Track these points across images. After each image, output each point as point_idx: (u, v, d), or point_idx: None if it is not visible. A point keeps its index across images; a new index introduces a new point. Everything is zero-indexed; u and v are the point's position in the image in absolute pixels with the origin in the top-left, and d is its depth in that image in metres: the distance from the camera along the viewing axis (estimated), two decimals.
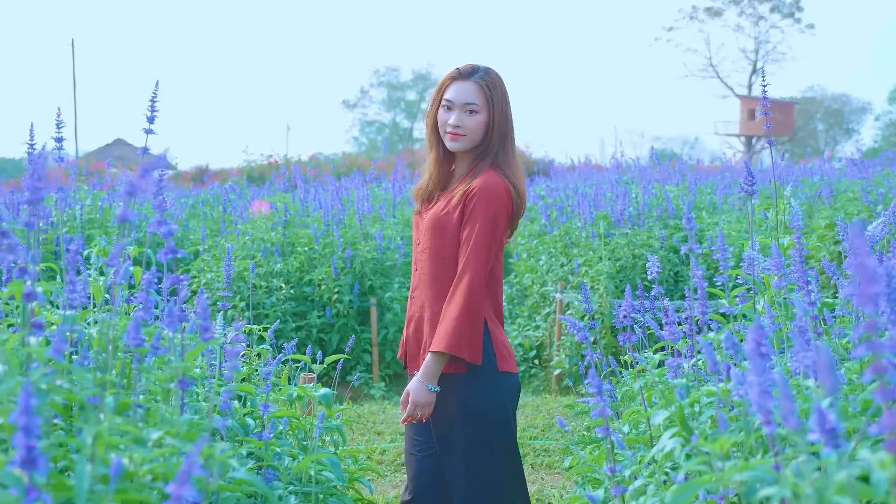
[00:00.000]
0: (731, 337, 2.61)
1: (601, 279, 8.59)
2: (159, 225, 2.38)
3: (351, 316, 9.30)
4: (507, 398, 3.52)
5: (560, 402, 7.76)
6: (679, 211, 10.00)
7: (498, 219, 3.40)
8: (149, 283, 2.62)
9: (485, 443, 3.45)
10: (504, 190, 3.43)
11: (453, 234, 3.45)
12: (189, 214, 13.57)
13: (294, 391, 3.47)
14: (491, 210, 3.39)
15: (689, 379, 2.97)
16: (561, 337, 8.85)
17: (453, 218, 3.45)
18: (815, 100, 66.80)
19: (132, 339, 2.12)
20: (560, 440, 6.74)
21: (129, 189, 1.94)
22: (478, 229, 3.37)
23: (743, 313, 3.32)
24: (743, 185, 3.46)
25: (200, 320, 2.13)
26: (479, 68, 3.53)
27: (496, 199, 3.40)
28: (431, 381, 3.35)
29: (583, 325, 2.97)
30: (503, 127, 3.51)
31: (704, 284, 2.92)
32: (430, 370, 3.34)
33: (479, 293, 3.35)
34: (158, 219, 2.38)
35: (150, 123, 3.21)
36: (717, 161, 25.72)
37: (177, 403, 2.35)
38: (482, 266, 3.36)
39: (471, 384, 3.41)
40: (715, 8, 61.89)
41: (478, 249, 3.36)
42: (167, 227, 2.37)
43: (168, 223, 2.38)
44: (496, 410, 3.47)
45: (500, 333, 3.54)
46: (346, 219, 10.29)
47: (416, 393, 3.35)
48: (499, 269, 3.54)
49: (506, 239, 3.56)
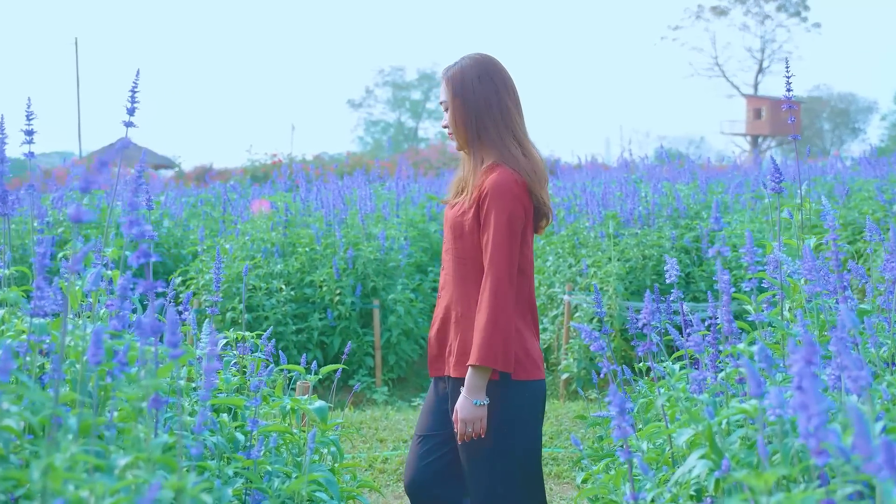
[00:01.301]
0: (765, 350, 2.37)
1: (611, 281, 8.34)
2: (131, 226, 2.13)
3: (353, 318, 9.03)
4: (525, 408, 3.37)
5: (569, 408, 7.50)
6: (690, 210, 9.75)
7: (513, 217, 3.28)
8: (124, 290, 2.38)
9: (501, 451, 3.33)
10: (514, 184, 3.29)
11: (471, 235, 3.36)
12: (189, 214, 13.35)
13: (287, 403, 3.22)
14: (504, 210, 3.27)
15: (715, 393, 2.72)
16: (569, 340, 8.60)
17: (469, 219, 3.36)
18: (821, 99, 66.54)
19: (93, 356, 1.87)
20: (569, 448, 6.49)
21: (83, 184, 1.69)
22: (493, 232, 3.27)
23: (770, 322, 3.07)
24: (770, 183, 3.22)
25: (169, 335, 1.88)
26: (452, 64, 3.47)
27: (507, 196, 3.28)
28: (476, 395, 3.25)
29: (598, 335, 2.73)
30: (478, 116, 3.39)
31: (731, 290, 2.67)
32: (473, 384, 3.25)
33: (504, 298, 3.24)
34: (131, 219, 2.14)
35: (130, 115, 2.98)
36: (724, 160, 25.39)
37: (151, 424, 2.11)
38: (504, 268, 3.25)
39: (489, 392, 3.30)
40: (721, 7, 61.65)
41: (498, 253, 3.25)
42: (139, 229, 2.13)
43: (141, 224, 2.14)
44: (511, 420, 3.33)
45: (529, 337, 3.40)
46: (349, 218, 10.03)
47: (463, 410, 3.26)
48: (528, 265, 3.41)
49: (538, 230, 3.47)
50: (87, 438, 2.08)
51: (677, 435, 2.47)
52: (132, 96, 2.94)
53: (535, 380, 3.39)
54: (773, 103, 60.76)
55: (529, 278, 3.43)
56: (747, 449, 2.44)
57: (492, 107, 3.39)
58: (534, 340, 3.43)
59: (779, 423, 2.22)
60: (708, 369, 2.88)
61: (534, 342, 3.42)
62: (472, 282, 3.36)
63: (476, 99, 3.38)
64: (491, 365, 3.21)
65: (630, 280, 8.60)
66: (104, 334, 2.39)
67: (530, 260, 3.42)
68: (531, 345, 3.39)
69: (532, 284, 3.45)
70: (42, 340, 2.35)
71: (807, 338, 1.65)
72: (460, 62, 3.45)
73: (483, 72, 3.41)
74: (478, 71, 3.41)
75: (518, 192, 3.29)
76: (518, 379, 3.33)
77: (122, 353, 2.01)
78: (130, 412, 2.18)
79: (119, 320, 2.35)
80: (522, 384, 3.34)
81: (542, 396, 3.44)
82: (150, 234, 2.15)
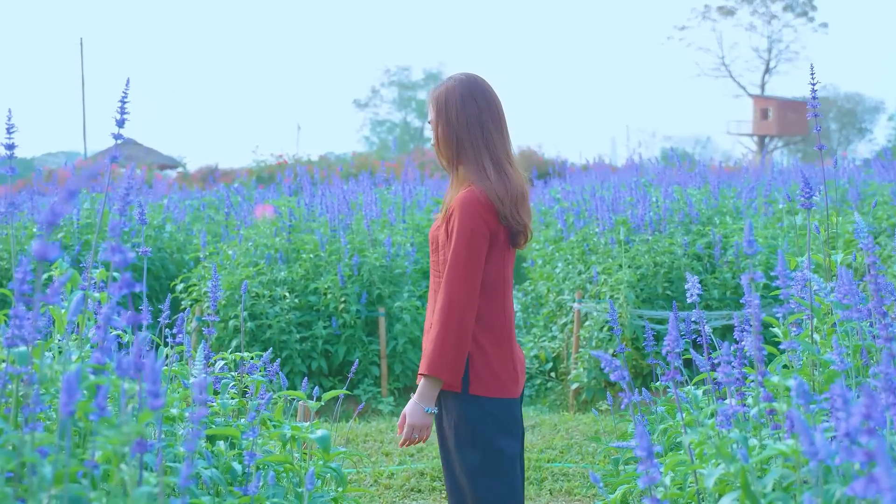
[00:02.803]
0: (803, 386, 2.18)
1: (621, 288, 8.15)
2: (113, 253, 1.95)
3: (358, 326, 8.83)
4: (480, 424, 3.35)
5: (579, 420, 7.31)
6: (702, 215, 9.55)
7: (475, 233, 3.31)
8: (108, 319, 2.20)
9: (459, 461, 3.37)
10: (478, 203, 3.33)
11: (443, 250, 3.42)
12: (193, 218, 13.18)
13: (288, 431, 3.04)
14: (464, 227, 3.32)
15: (744, 427, 2.53)
16: (579, 349, 8.41)
17: (441, 234, 3.44)
18: (827, 99, 66.25)
19: (65, 406, 1.69)
20: (580, 462, 6.30)
21: (49, 217, 1.50)
22: (452, 249, 3.33)
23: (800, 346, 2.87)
24: (800, 198, 3.02)
25: (149, 384, 1.69)
26: (438, 84, 3.55)
27: (470, 213, 3.32)
28: (427, 402, 3.31)
29: (618, 364, 2.54)
30: (459, 136, 3.44)
31: (761, 316, 2.48)
32: (423, 393, 3.31)
33: (459, 312, 3.28)
34: (112, 245, 1.95)
35: (120, 127, 2.79)
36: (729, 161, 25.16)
37: (135, 468, 1.92)
38: (460, 284, 3.29)
39: (441, 403, 3.38)
40: (728, 7, 61.40)
41: (454, 269, 3.31)
42: (122, 256, 1.95)
43: (124, 251, 1.96)
44: (466, 433, 3.35)
45: (494, 354, 3.39)
46: (354, 224, 9.83)
47: (412, 416, 3.32)
48: (497, 282, 3.42)
49: (518, 246, 3.47)
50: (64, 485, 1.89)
51: (706, 475, 2.28)
52: (122, 107, 2.75)
53: (496, 398, 3.37)
54: (780, 103, 60.51)
55: (500, 295, 3.44)
56: (783, 492, 2.25)
57: (472, 127, 3.44)
58: (503, 358, 3.41)
59: (819, 467, 2.04)
60: (734, 396, 2.69)
61: (503, 360, 3.41)
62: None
63: (458, 120, 3.44)
64: (439, 376, 3.26)
65: (641, 287, 8.41)
66: (87, 368, 2.22)
67: (502, 277, 3.44)
68: (497, 361, 3.39)
69: (503, 300, 3.45)
70: (21, 372, 2.18)
71: (866, 390, 1.46)
72: (445, 83, 3.52)
73: (466, 93, 3.47)
74: (461, 92, 3.46)
75: (481, 211, 3.32)
76: (476, 394, 3.34)
77: (101, 395, 1.83)
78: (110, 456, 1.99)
79: (102, 352, 2.17)
80: (479, 400, 3.35)
81: (506, 416, 3.40)
82: (132, 260, 1.96)
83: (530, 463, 6.24)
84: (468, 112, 3.44)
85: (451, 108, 3.45)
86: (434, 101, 3.50)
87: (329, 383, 8.71)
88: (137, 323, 1.88)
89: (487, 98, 3.49)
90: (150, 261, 10.58)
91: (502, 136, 3.50)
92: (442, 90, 3.50)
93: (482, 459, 3.35)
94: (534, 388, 9.04)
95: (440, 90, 3.50)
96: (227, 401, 3.25)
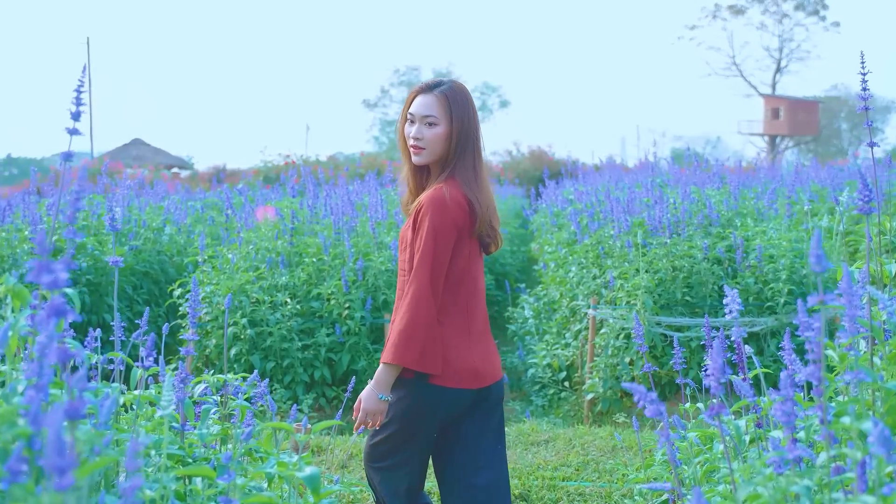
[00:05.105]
0: (885, 432, 1.80)
1: (639, 294, 7.76)
2: (40, 273, 1.58)
3: (363, 334, 8.42)
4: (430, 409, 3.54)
5: (595, 434, 6.90)
6: (722, 218, 9.14)
7: (440, 230, 3.43)
8: (44, 350, 1.82)
9: (385, 437, 3.57)
10: (451, 200, 3.46)
11: (410, 247, 3.53)
12: (195, 219, 12.82)
13: (273, 469, 2.66)
14: (432, 222, 3.43)
15: (808, 475, 2.14)
16: (594, 358, 8.02)
17: (410, 231, 3.54)
18: (839, 98, 65.83)
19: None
20: (597, 482, 5.90)
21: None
22: (420, 243, 3.44)
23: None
24: (859, 202, 2.64)
25: (52, 456, 1.30)
26: (443, 82, 3.62)
27: (438, 210, 3.44)
28: (382, 389, 3.44)
29: (655, 397, 2.16)
30: (464, 139, 3.56)
31: (821, 344, 2.09)
32: (380, 379, 3.44)
33: (425, 304, 3.41)
34: (40, 264, 1.58)
35: (76, 121, 2.41)
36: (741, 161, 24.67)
37: None
38: (426, 278, 3.41)
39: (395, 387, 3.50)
40: (738, 6, 60.97)
41: (422, 263, 3.42)
42: (52, 277, 1.57)
43: (55, 271, 1.58)
44: (412, 416, 3.53)
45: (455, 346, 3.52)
46: (359, 226, 9.44)
47: (366, 401, 3.46)
48: (465, 277, 3.55)
49: (487, 251, 3.66)
50: None
51: None
52: (77, 97, 2.38)
53: (450, 387, 3.50)
54: (791, 103, 60.06)
55: (468, 289, 3.57)
56: None
57: (471, 133, 3.58)
58: (463, 349, 3.53)
59: None
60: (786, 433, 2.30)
61: (463, 352, 3.53)
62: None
63: (466, 124, 3.56)
64: (402, 363, 3.39)
65: (659, 293, 8.01)
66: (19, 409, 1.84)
67: (471, 273, 3.56)
68: (456, 353, 3.51)
69: (472, 295, 3.59)
70: None
71: None
72: (450, 83, 3.62)
73: (470, 98, 3.64)
74: (466, 96, 3.62)
75: (452, 207, 3.44)
76: (434, 384, 3.48)
77: (15, 455, 1.44)
78: None
79: (37, 390, 1.79)
80: (434, 388, 3.49)
81: (450, 405, 3.55)
82: (65, 283, 1.59)
83: (544, 482, 5.85)
84: (473, 116, 3.61)
85: (464, 109, 3.57)
86: (447, 99, 3.56)
87: (332, 393, 8.33)
88: (68, 359, 1.50)
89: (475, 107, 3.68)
90: (148, 264, 10.23)
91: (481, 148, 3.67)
92: (453, 91, 3.58)
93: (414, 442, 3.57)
94: (547, 398, 8.65)
95: (451, 90, 3.58)
96: (206, 430, 2.87)
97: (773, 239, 8.21)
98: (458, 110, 3.55)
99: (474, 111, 3.63)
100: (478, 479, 3.61)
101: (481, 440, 3.65)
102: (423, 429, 3.58)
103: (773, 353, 7.55)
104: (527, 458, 6.38)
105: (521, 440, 6.81)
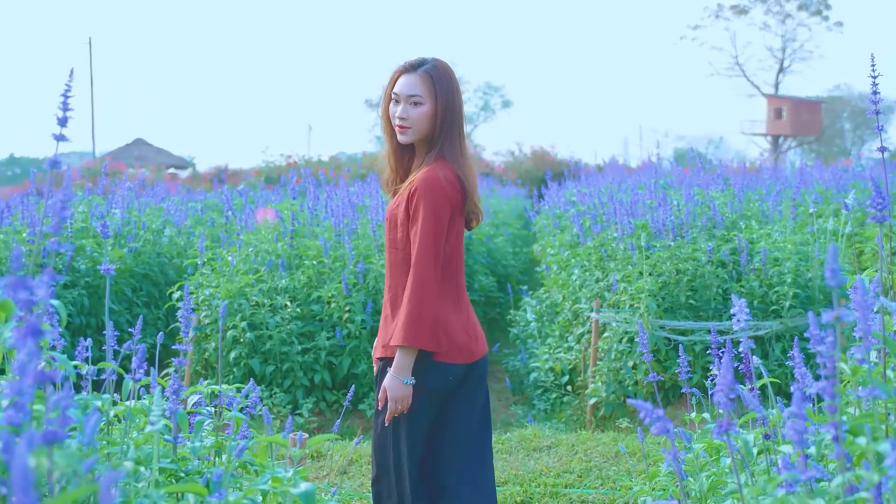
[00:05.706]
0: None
1: (642, 297, 7.67)
2: (16, 290, 1.50)
3: (364, 337, 8.32)
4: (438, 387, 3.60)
5: (598, 440, 6.81)
6: (727, 220, 9.05)
7: (439, 211, 3.49)
8: (24, 367, 1.74)
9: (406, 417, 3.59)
10: (445, 180, 3.52)
11: (402, 226, 3.58)
12: (195, 221, 12.75)
13: (266, 486, 2.58)
14: (430, 203, 3.48)
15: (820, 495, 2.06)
16: (597, 362, 7.93)
17: (401, 211, 3.58)
18: (842, 98, 65.72)
19: None
20: (600, 488, 5.82)
21: None
22: (420, 225, 3.48)
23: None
24: (872, 210, 2.56)
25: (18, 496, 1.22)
26: (426, 60, 3.65)
27: (435, 191, 3.50)
28: (405, 374, 3.49)
29: (662, 415, 2.08)
30: (450, 117, 3.60)
31: (835, 359, 2.01)
32: (401, 364, 3.48)
33: (430, 286, 3.48)
34: (15, 280, 1.50)
35: (62, 126, 2.33)
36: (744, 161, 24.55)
37: None
38: (430, 260, 3.48)
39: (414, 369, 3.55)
40: (741, 6, 60.85)
41: (423, 244, 3.47)
42: (27, 295, 1.50)
43: (31, 287, 1.50)
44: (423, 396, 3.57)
45: (451, 322, 3.61)
46: (360, 228, 9.35)
47: (392, 389, 3.49)
48: (454, 254, 3.62)
49: (469, 227, 3.73)
50: None
51: None
52: (64, 102, 2.29)
53: (454, 363, 3.59)
54: (793, 103, 59.96)
55: (456, 265, 3.65)
56: None
57: (456, 111, 3.62)
58: (457, 325, 3.61)
59: None
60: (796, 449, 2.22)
61: (458, 327, 3.61)
62: (401, 271, 3.60)
63: (451, 102, 3.60)
64: (417, 345, 3.45)
65: (663, 296, 7.91)
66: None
67: (458, 250, 3.64)
68: (453, 329, 3.59)
69: (459, 270, 3.67)
70: None
71: None
72: (433, 62, 3.64)
73: (453, 76, 3.67)
74: (450, 74, 3.65)
75: (447, 190, 3.51)
76: (438, 361, 3.55)
77: None
78: None
79: (17, 409, 1.71)
80: (440, 365, 3.57)
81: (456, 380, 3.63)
82: (43, 299, 1.51)
83: (546, 489, 5.77)
84: (458, 95, 3.65)
85: (448, 88, 3.61)
86: (432, 78, 3.59)
87: (332, 397, 8.24)
88: (42, 381, 1.42)
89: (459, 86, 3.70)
90: (148, 266, 10.16)
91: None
92: (437, 69, 3.62)
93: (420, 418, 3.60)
94: (549, 402, 8.56)
95: (434, 69, 3.61)
96: (199, 443, 2.79)
97: (778, 241, 8.11)
98: (442, 89, 3.59)
99: (458, 88, 3.66)
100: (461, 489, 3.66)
101: (470, 419, 3.72)
102: (427, 406, 3.62)
103: (777, 358, 7.45)
104: (529, 464, 6.30)
105: (523, 446, 6.73)
